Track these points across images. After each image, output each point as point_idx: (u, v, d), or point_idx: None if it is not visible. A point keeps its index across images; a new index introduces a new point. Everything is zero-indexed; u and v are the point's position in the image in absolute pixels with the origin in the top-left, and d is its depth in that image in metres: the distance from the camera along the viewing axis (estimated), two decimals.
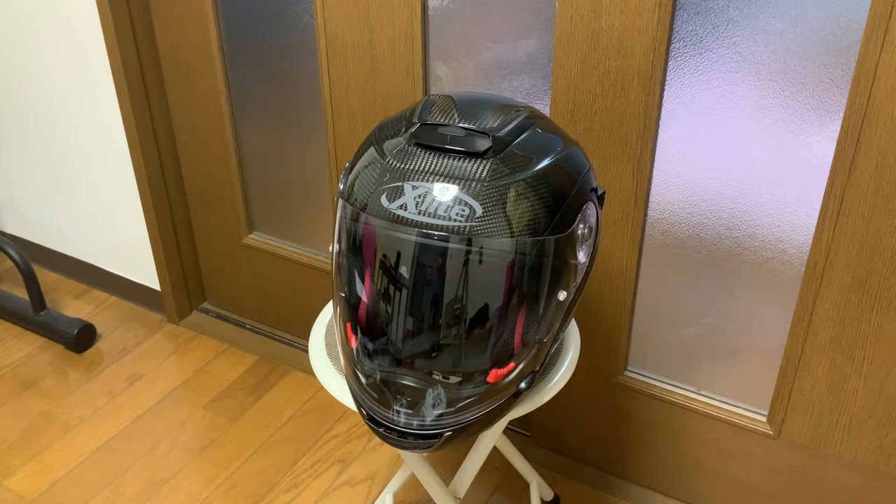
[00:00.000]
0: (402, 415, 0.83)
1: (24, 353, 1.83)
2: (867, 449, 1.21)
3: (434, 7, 1.27)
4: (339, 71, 1.40)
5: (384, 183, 0.81)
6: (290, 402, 1.68)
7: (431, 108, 0.87)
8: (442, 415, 0.83)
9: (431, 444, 0.84)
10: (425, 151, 0.82)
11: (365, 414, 0.86)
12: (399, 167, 0.82)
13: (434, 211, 0.79)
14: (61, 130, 1.81)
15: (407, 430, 0.84)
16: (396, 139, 0.85)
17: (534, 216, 0.81)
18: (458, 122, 0.85)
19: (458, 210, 0.79)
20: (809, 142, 1.08)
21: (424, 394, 0.83)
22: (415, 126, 0.85)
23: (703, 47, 1.09)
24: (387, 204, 0.81)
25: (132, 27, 1.58)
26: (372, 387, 0.85)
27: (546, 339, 0.87)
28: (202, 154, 1.70)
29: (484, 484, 1.47)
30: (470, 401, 0.83)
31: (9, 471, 1.53)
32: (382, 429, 0.85)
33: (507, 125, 0.85)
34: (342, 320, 0.90)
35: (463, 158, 0.81)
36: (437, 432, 0.83)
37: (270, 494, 1.48)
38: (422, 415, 0.83)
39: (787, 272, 1.17)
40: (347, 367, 0.89)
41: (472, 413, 0.84)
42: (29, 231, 2.08)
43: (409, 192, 0.80)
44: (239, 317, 1.91)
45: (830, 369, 1.18)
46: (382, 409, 0.84)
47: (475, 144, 0.82)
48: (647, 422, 1.40)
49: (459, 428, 0.84)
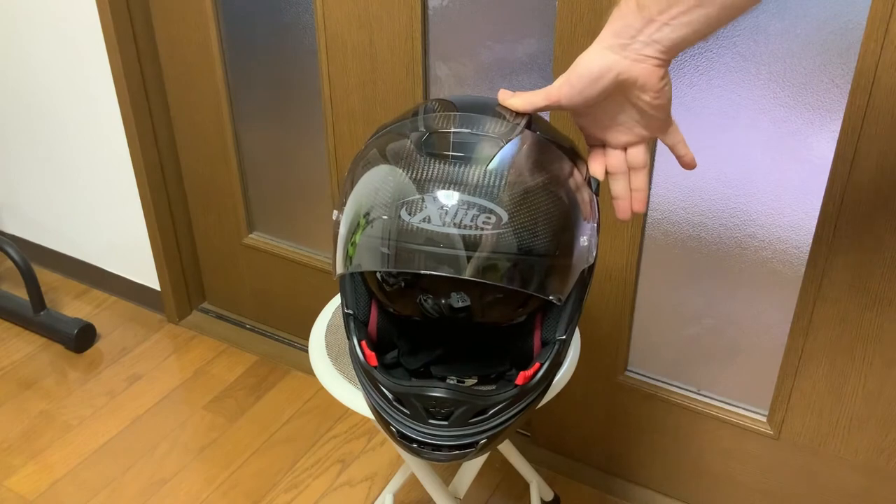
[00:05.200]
0: (437, 428, 0.82)
1: (24, 353, 1.83)
2: (867, 449, 1.21)
3: (434, 7, 1.27)
4: (339, 71, 1.40)
5: (401, 197, 0.79)
6: (290, 402, 1.68)
7: (434, 115, 0.87)
8: (474, 422, 0.82)
9: (467, 454, 0.83)
10: (438, 161, 0.80)
11: (395, 431, 0.84)
12: (414, 178, 0.80)
13: (460, 221, 0.77)
14: (61, 130, 1.81)
15: (441, 443, 0.82)
16: (403, 149, 0.83)
17: (557, 214, 0.81)
18: (464, 127, 0.84)
19: (485, 218, 0.77)
20: (809, 142, 1.08)
21: (458, 404, 0.82)
22: (422, 134, 0.84)
23: (703, 47, 1.09)
24: (408, 218, 0.78)
25: (132, 27, 1.58)
26: (401, 402, 0.83)
27: (566, 335, 0.88)
28: (202, 154, 1.70)
29: (484, 484, 1.47)
30: (502, 406, 0.83)
31: (9, 471, 1.53)
32: (415, 444, 0.83)
33: (515, 128, 0.85)
34: (356, 339, 0.89)
35: (478, 164, 0.80)
36: (473, 441, 0.82)
37: (270, 494, 1.48)
38: (456, 425, 0.82)
39: (787, 272, 1.17)
40: (368, 384, 0.87)
41: (503, 416, 0.83)
42: (29, 231, 2.08)
43: (431, 203, 0.78)
44: (239, 317, 1.91)
45: (830, 369, 1.18)
46: (415, 423, 0.83)
47: (490, 150, 0.81)
48: (647, 422, 1.40)
49: (494, 434, 0.83)
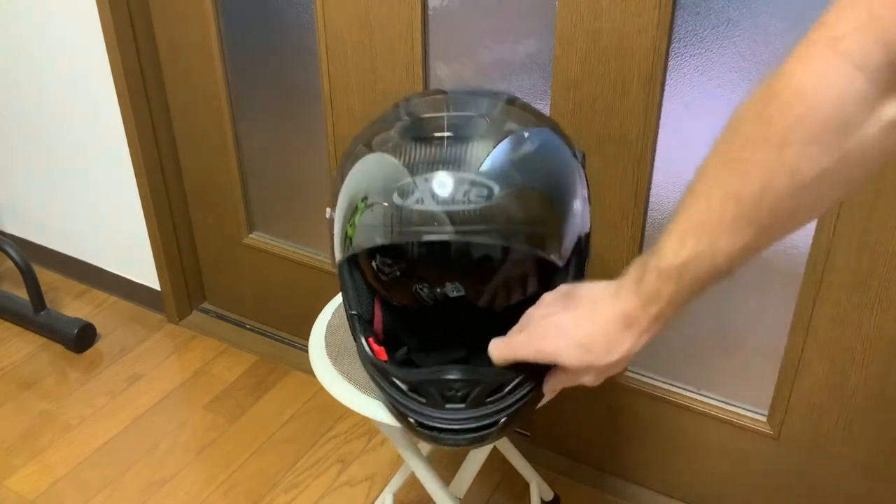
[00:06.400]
0: (455, 412, 0.81)
1: (24, 353, 1.83)
2: (867, 449, 1.21)
3: (434, 7, 1.27)
4: (339, 71, 1.40)
5: (393, 182, 0.80)
6: (290, 402, 1.68)
7: (416, 101, 0.87)
8: (491, 402, 0.82)
9: (488, 435, 0.82)
10: (424, 143, 0.81)
11: (414, 422, 0.83)
12: (404, 162, 0.80)
13: (453, 197, 0.77)
14: (61, 130, 1.81)
15: (461, 427, 0.81)
16: (389, 139, 0.84)
17: (547, 179, 0.82)
18: (446, 110, 0.85)
19: (477, 192, 0.78)
20: None
21: (473, 384, 0.81)
22: (406, 121, 0.85)
23: (703, 47, 1.09)
24: (401, 202, 0.79)
25: (132, 27, 1.58)
26: (417, 391, 0.83)
27: None
28: (202, 154, 1.70)
29: (484, 484, 1.47)
30: (517, 382, 0.82)
31: (9, 471, 1.53)
32: (435, 431, 0.82)
33: (497, 107, 0.86)
34: (363, 337, 0.88)
35: (466, 143, 0.80)
36: (493, 421, 0.82)
37: (270, 494, 1.48)
38: (474, 406, 0.81)
39: (787, 272, 1.17)
40: (381, 380, 0.86)
41: (520, 393, 0.82)
42: (29, 231, 2.08)
43: (422, 185, 0.78)
44: (239, 317, 1.91)
45: (830, 369, 1.18)
46: (433, 410, 0.82)
47: (476, 128, 0.82)
48: (647, 422, 1.40)
49: (513, 412, 0.82)
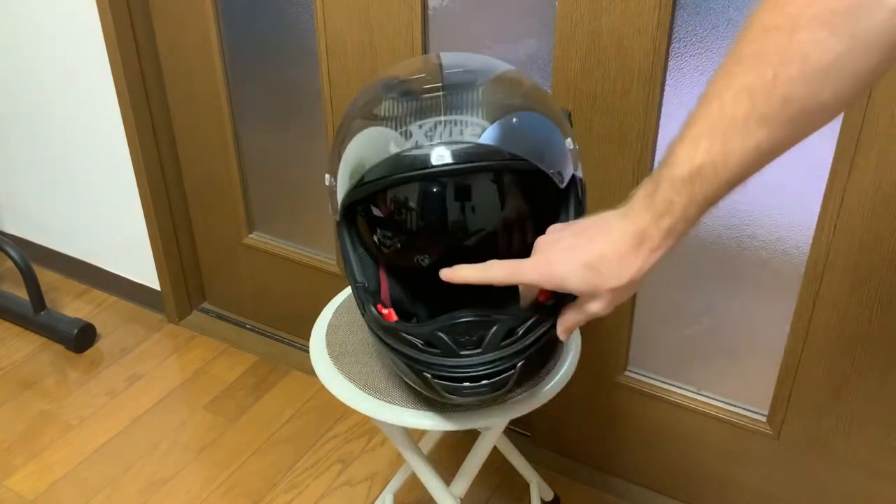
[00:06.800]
0: (471, 357, 0.81)
1: (24, 353, 1.83)
2: (867, 449, 1.21)
3: (434, 7, 1.27)
4: (339, 71, 1.40)
5: (389, 138, 0.81)
6: (290, 402, 1.68)
7: (407, 76, 0.90)
8: (506, 345, 0.82)
9: (508, 379, 0.82)
10: (418, 98, 0.83)
11: (430, 377, 0.82)
12: (397, 117, 0.82)
13: (449, 135, 0.79)
14: (61, 130, 1.81)
15: (479, 374, 0.81)
16: (381, 104, 0.85)
17: (538, 115, 0.85)
18: (437, 72, 0.87)
19: (471, 130, 0.79)
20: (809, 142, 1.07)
21: (487, 325, 0.81)
22: (396, 87, 0.86)
23: (703, 47, 1.09)
24: (397, 150, 0.80)
25: (132, 27, 1.58)
26: (430, 343, 0.82)
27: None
28: (202, 154, 1.70)
29: (484, 484, 1.47)
30: (531, 322, 0.82)
31: (9, 471, 1.53)
32: (453, 382, 0.82)
33: (485, 65, 0.90)
34: (370, 304, 0.88)
35: (458, 91, 0.82)
36: (510, 364, 0.82)
37: (270, 494, 1.48)
38: (490, 350, 0.81)
39: (787, 272, 1.17)
40: (393, 341, 0.85)
41: (535, 335, 0.82)
42: (29, 231, 2.08)
43: (417, 131, 0.80)
44: (239, 317, 1.91)
45: (830, 369, 1.18)
46: (448, 359, 0.82)
47: (467, 77, 0.85)
48: (647, 422, 1.40)
49: (529, 355, 0.82)
